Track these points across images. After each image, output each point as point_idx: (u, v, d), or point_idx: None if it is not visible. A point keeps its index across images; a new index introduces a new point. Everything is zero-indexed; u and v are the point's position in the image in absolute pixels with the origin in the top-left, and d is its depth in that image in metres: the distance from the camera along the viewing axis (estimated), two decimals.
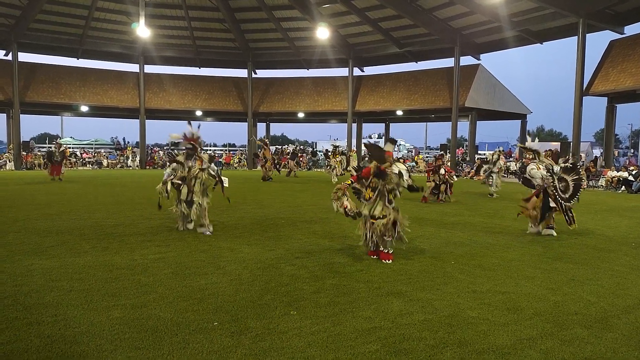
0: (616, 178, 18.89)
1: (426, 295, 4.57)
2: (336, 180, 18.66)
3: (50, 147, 23.10)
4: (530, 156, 8.64)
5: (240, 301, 4.31)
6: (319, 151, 37.21)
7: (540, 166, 8.21)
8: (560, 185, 8.02)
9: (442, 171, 12.91)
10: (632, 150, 51.56)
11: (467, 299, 4.49)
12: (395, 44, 28.34)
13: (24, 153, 29.12)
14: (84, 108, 30.58)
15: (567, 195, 8.02)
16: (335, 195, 6.07)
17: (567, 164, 8.42)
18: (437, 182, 12.82)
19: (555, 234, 7.93)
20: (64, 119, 43.26)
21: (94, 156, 33.66)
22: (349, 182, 6.16)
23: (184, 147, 7.60)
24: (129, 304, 4.18)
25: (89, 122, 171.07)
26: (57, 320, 3.77)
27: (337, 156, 20.14)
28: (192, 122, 7.68)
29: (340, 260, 5.94)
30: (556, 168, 8.17)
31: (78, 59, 30.58)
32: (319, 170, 26.60)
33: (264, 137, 20.43)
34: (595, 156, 26.97)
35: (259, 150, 21.00)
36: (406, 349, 3.38)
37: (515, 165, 25.53)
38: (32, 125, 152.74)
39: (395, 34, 27.90)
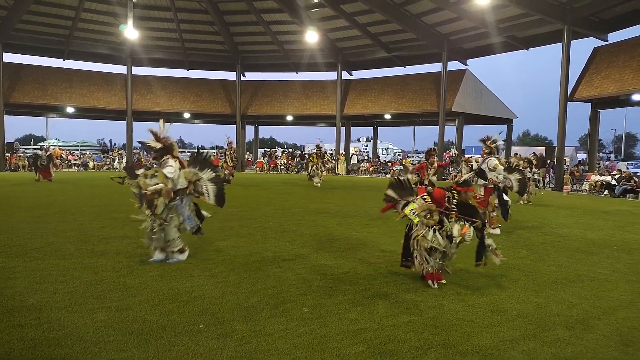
0: (599, 182, 19.19)
1: (411, 297, 4.62)
2: (319, 184, 18.22)
3: (37, 151, 22.98)
4: (487, 151, 8.93)
5: (226, 304, 4.31)
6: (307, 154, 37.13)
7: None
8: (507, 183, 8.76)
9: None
10: (614, 155, 52.43)
11: (452, 301, 4.54)
12: (384, 49, 28.50)
13: (8, 155, 28.70)
14: (70, 109, 30.20)
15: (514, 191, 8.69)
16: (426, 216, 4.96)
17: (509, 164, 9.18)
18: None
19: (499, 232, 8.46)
20: (50, 120, 42.76)
21: (79, 158, 33.27)
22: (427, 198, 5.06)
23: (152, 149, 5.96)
24: (114, 306, 4.16)
25: (75, 123, 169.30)
26: (41, 323, 3.74)
27: (326, 156, 19.87)
28: (166, 120, 6.11)
29: (327, 262, 5.96)
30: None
31: (64, 60, 30.20)
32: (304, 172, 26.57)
33: (229, 140, 19.64)
34: (580, 159, 27.38)
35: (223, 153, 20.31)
36: (391, 351, 3.41)
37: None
38: (17, 126, 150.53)
39: (383, 38, 28.06)
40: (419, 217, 4.95)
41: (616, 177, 18.99)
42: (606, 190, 18.47)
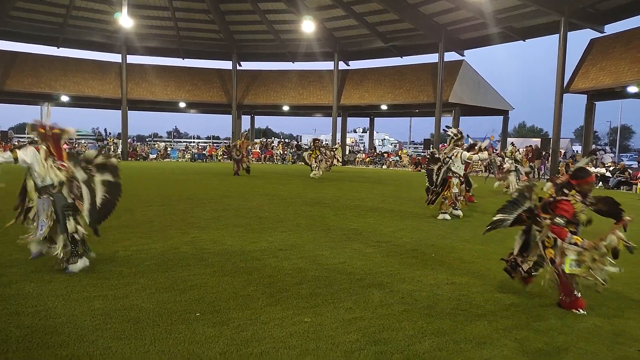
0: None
1: (406, 287, 4.66)
2: (320, 173, 18.03)
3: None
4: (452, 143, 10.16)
5: (222, 292, 4.33)
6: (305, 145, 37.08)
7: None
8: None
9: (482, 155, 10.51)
10: (610, 148, 52.70)
11: (446, 291, 4.58)
12: (381, 39, 28.39)
13: (2, 143, 28.54)
14: (65, 98, 29.99)
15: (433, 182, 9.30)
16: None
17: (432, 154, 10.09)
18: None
19: (448, 217, 8.98)
20: (44, 109, 42.41)
21: (74, 147, 33.07)
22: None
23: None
24: (110, 294, 4.17)
25: (69, 112, 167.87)
26: (38, 310, 3.75)
27: (329, 150, 19.77)
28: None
29: (322, 252, 5.99)
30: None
31: (58, 48, 29.94)
32: (301, 163, 26.48)
33: (245, 132, 19.54)
34: (573, 153, 27.51)
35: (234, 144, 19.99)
36: (385, 339, 3.45)
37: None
38: (10, 114, 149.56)
39: (380, 28, 27.94)
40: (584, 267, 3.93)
41: (610, 169, 19.10)
42: (600, 183, 18.59)
